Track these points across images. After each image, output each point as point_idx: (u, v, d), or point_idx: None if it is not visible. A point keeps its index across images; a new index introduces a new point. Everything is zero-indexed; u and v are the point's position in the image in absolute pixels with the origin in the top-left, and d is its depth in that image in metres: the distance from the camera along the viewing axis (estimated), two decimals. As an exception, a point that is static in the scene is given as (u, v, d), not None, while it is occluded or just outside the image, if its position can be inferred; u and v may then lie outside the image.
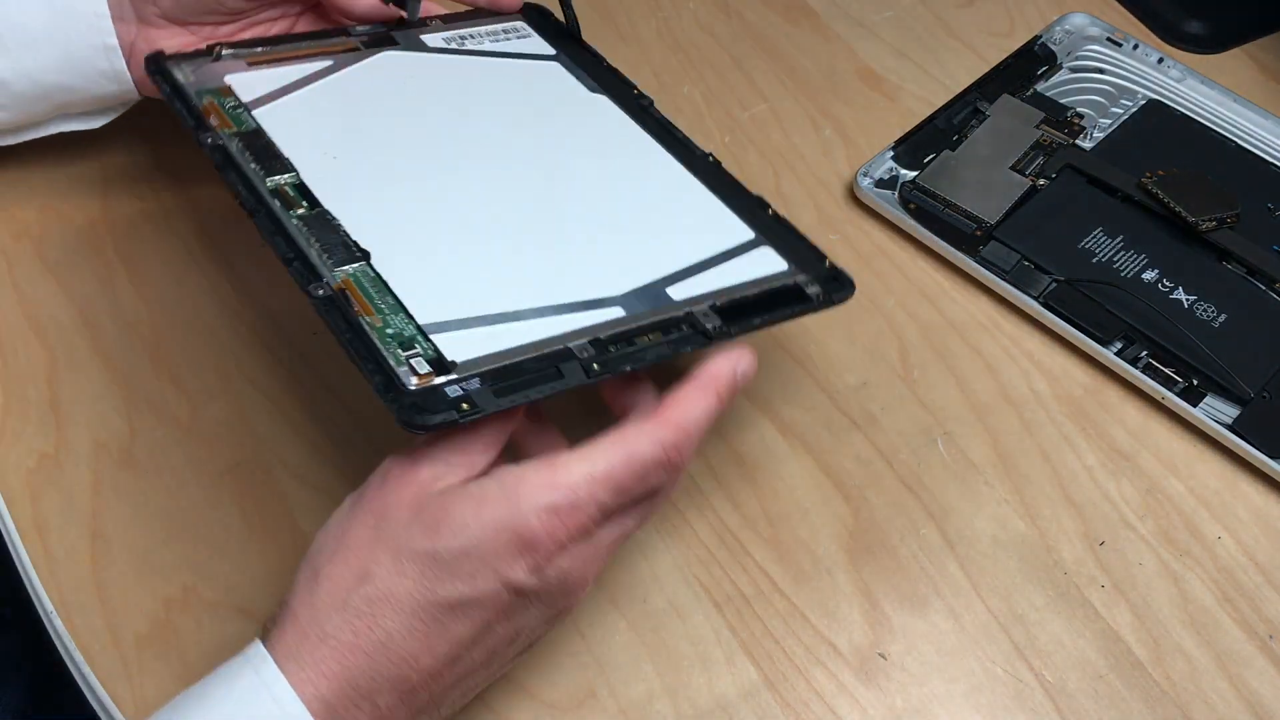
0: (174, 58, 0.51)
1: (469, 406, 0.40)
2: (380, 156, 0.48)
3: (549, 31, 0.58)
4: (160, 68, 0.50)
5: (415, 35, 0.55)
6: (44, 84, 0.52)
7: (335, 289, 0.42)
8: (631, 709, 0.45)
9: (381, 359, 0.40)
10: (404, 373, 0.40)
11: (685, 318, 0.44)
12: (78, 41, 0.52)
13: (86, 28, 0.51)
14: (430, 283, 0.43)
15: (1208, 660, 0.47)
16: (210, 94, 0.49)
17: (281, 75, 0.51)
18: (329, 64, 0.52)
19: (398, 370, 0.40)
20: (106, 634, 0.46)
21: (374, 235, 0.44)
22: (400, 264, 0.44)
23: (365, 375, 0.40)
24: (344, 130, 0.49)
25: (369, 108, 0.51)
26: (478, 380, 0.40)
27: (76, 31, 0.51)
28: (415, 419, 0.39)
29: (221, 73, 0.50)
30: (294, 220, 0.44)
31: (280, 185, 0.46)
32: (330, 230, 0.44)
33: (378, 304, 0.42)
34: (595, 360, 0.42)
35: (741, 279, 0.46)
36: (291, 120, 0.48)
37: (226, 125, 0.48)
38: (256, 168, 0.46)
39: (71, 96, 0.53)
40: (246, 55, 0.52)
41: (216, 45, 0.51)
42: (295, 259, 0.43)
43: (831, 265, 0.48)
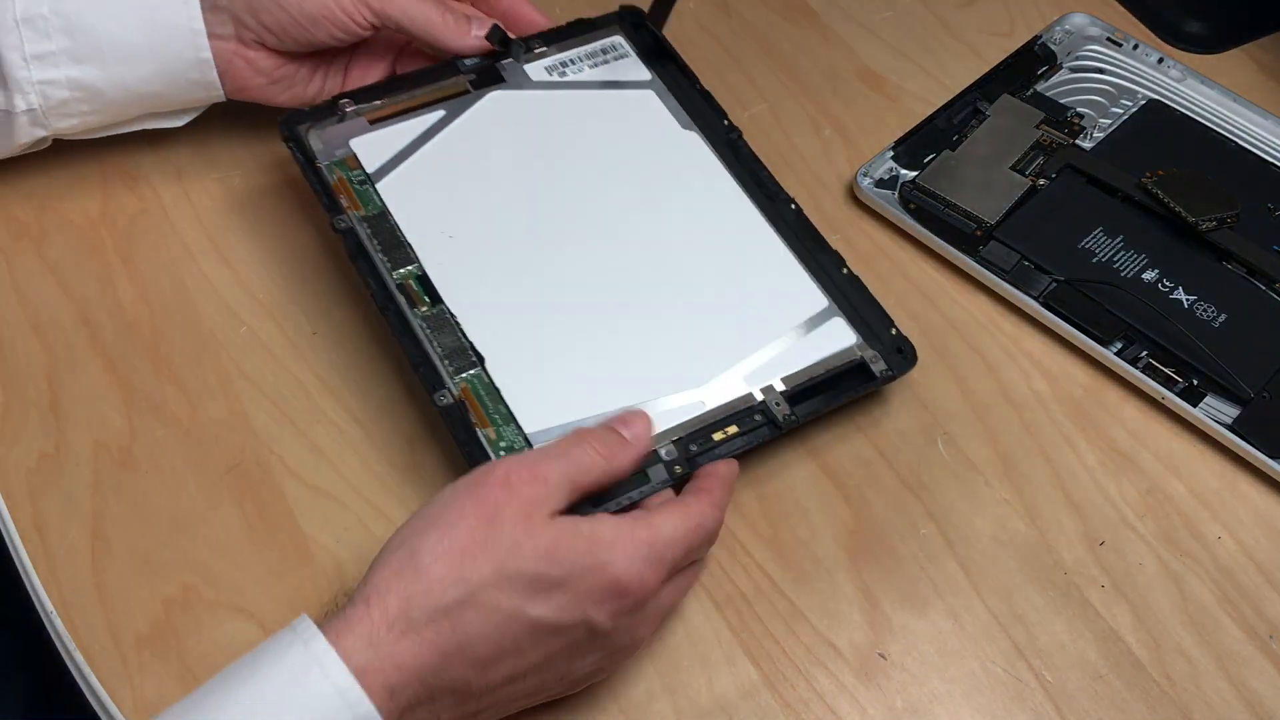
0: (304, 119, 0.56)
1: None
2: (489, 227, 0.54)
3: (644, 47, 0.61)
4: (293, 133, 0.55)
5: (520, 67, 0.59)
6: (138, 93, 0.54)
7: (456, 398, 0.48)
8: (631, 709, 0.45)
9: None
10: None
11: (759, 407, 0.49)
12: (174, 56, 0.54)
13: (184, 44, 0.53)
14: (534, 384, 0.49)
15: (1208, 660, 0.47)
16: (339, 166, 0.54)
17: (399, 134, 0.56)
18: (442, 114, 0.57)
19: None
20: (106, 634, 0.46)
21: (486, 332, 0.50)
22: (509, 366, 0.50)
23: None
24: (457, 199, 0.54)
25: (479, 166, 0.56)
26: None
27: (173, 47, 0.53)
28: None
29: (346, 135, 0.55)
30: (418, 319, 0.50)
31: (405, 280, 0.51)
32: (450, 331, 0.50)
33: (491, 414, 0.48)
34: (678, 462, 0.48)
35: (812, 359, 0.51)
36: (411, 193, 0.54)
37: (356, 206, 0.53)
38: (384, 258, 0.52)
39: (161, 103, 0.56)
40: (367, 111, 0.56)
41: (341, 100, 0.56)
42: (421, 364, 0.49)
43: (898, 333, 0.52)
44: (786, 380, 0.50)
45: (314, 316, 0.55)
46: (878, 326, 0.53)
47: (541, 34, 0.60)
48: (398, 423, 0.52)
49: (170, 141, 0.60)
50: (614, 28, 0.62)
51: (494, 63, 0.59)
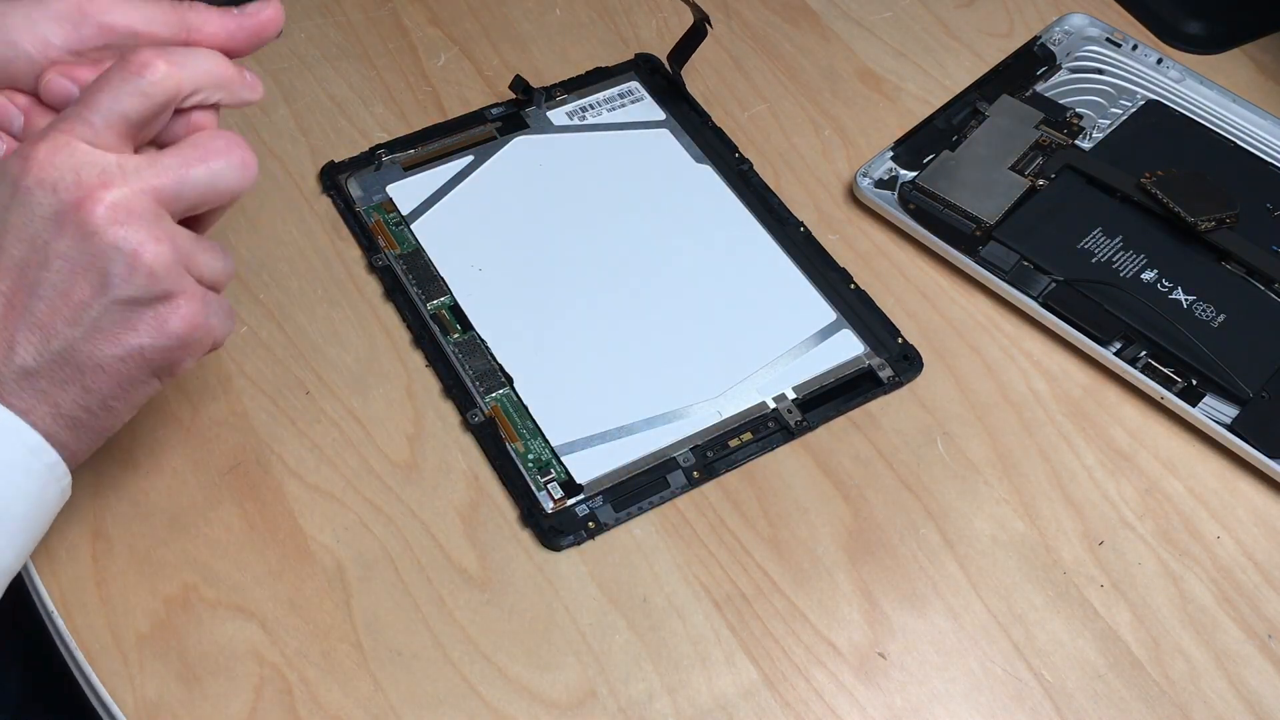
0: (343, 169, 0.59)
1: (594, 525, 0.49)
2: (517, 259, 0.57)
3: (658, 89, 0.65)
4: (334, 182, 0.59)
5: (543, 113, 0.63)
6: None
7: (487, 415, 0.52)
8: (631, 708, 0.45)
9: (526, 487, 0.50)
10: (543, 498, 0.49)
11: (772, 415, 0.52)
12: None
13: None
14: (560, 400, 0.52)
15: (1207, 660, 0.48)
16: (376, 210, 0.58)
17: (432, 179, 0.60)
18: (470, 159, 0.61)
19: (538, 495, 0.49)
20: (107, 633, 0.46)
21: (514, 354, 0.54)
22: (536, 385, 0.53)
23: (512, 501, 0.50)
24: (486, 235, 0.58)
25: (506, 204, 0.59)
26: (601, 498, 0.50)
27: None
28: (553, 541, 0.48)
29: (383, 182, 0.59)
30: (451, 346, 0.54)
31: (438, 310, 0.55)
32: (480, 355, 0.53)
33: (520, 429, 0.51)
34: (696, 468, 0.51)
35: (822, 369, 0.54)
36: (443, 231, 0.58)
37: (392, 245, 0.57)
38: (418, 291, 0.55)
39: None
40: (402, 159, 0.60)
41: (378, 150, 0.60)
42: (454, 387, 0.52)
43: (904, 342, 0.55)
44: (798, 389, 0.53)
45: (314, 316, 0.55)
46: (884, 336, 0.55)
47: (562, 82, 0.64)
48: (398, 423, 0.52)
49: (170, 141, 0.61)
50: (630, 74, 0.65)
51: (518, 110, 0.63)
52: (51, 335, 0.39)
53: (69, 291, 0.39)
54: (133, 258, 0.39)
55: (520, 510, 0.49)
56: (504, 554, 0.49)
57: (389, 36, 0.67)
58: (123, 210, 0.39)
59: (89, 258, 0.39)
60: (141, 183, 0.39)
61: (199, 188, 0.41)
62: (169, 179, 0.40)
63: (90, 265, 0.39)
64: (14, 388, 0.39)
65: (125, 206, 0.39)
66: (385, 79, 0.65)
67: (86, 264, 0.39)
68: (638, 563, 0.49)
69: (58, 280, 0.39)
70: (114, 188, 0.39)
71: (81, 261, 0.39)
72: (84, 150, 0.39)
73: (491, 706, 0.45)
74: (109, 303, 0.39)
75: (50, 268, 0.39)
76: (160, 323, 0.40)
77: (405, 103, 0.63)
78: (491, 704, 0.45)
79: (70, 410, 0.40)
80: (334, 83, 0.64)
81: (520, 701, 0.45)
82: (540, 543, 0.49)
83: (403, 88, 0.64)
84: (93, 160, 0.39)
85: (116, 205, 0.39)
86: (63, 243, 0.39)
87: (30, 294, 0.39)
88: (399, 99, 0.64)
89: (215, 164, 0.41)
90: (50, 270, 0.39)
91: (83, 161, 0.39)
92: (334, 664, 0.45)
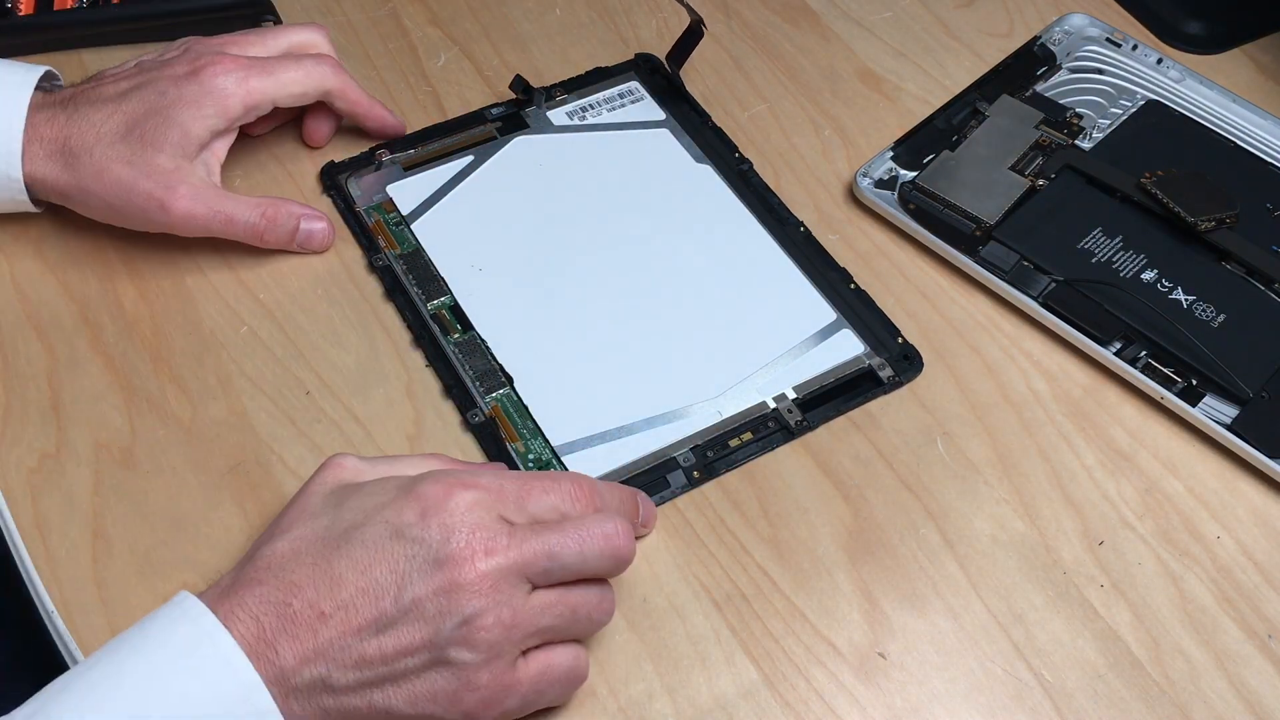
0: (344, 170, 0.59)
1: None
2: (516, 259, 0.57)
3: (658, 89, 0.64)
4: (334, 182, 0.59)
5: (543, 114, 0.63)
6: None
7: (487, 415, 0.52)
8: (631, 708, 0.45)
9: None
10: None
11: (772, 414, 0.52)
12: None
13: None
14: (560, 400, 0.52)
15: (1207, 659, 0.48)
16: (376, 210, 0.58)
17: (432, 179, 0.60)
18: (470, 159, 0.61)
19: None
20: (107, 633, 0.46)
21: (514, 354, 0.53)
22: (536, 385, 0.53)
23: None
24: (486, 234, 0.58)
25: (506, 204, 0.59)
26: None
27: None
28: None
29: (383, 182, 0.59)
30: (451, 346, 0.53)
31: (438, 310, 0.55)
32: (480, 355, 0.53)
33: (520, 429, 0.51)
34: (696, 468, 0.51)
35: (822, 369, 0.54)
36: (443, 231, 0.58)
37: (392, 245, 0.57)
38: (418, 291, 0.55)
39: None
40: (402, 159, 0.60)
41: (379, 151, 0.60)
42: (454, 386, 0.52)
43: (904, 342, 0.55)
44: (798, 389, 0.53)
45: (314, 317, 0.55)
46: (884, 336, 0.55)
47: (562, 82, 0.64)
48: (398, 423, 0.52)
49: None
50: (630, 74, 0.65)
51: (519, 110, 0.63)
52: (365, 664, 0.40)
53: (405, 633, 0.40)
54: (471, 627, 0.40)
55: None
56: (504, 554, 0.48)
57: (389, 36, 0.67)
58: (489, 581, 0.40)
59: (437, 611, 0.40)
60: (519, 555, 0.41)
61: (566, 570, 0.42)
62: (543, 557, 0.41)
63: (436, 617, 0.40)
64: (301, 696, 0.40)
65: (493, 578, 0.40)
66: (385, 79, 0.65)
67: (433, 615, 0.40)
68: (638, 562, 0.49)
69: (402, 619, 0.40)
70: (495, 556, 0.41)
71: (430, 611, 0.40)
72: (493, 521, 0.41)
73: (491, 706, 0.45)
74: (429, 657, 0.40)
75: (400, 604, 0.40)
76: (456, 696, 0.41)
77: (405, 103, 0.63)
78: (491, 704, 0.45)
79: None
80: (334, 83, 0.64)
81: (520, 701, 0.45)
82: None
83: (403, 88, 0.64)
84: (493, 530, 0.41)
85: (485, 575, 0.40)
86: (425, 587, 0.40)
87: (371, 621, 0.40)
88: (399, 99, 0.64)
89: (590, 550, 0.42)
90: (399, 607, 0.40)
91: (486, 527, 0.41)
92: (334, 664, 0.45)
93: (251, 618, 0.40)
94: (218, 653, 0.39)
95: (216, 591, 0.41)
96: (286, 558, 0.41)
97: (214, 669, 0.39)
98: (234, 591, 0.40)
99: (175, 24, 0.64)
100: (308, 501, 0.43)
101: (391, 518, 0.41)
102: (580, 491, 0.44)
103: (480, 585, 0.40)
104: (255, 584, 0.40)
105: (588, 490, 0.44)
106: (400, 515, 0.41)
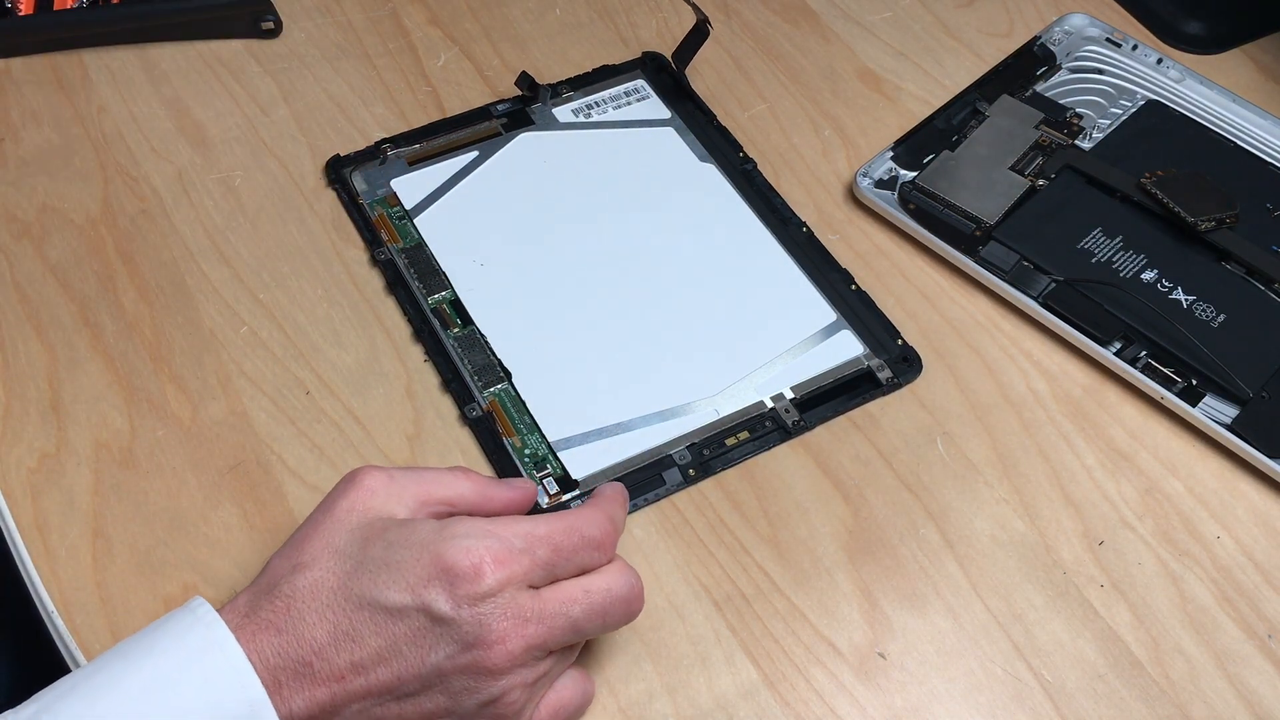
0: (348, 163, 0.59)
1: None
2: (518, 255, 0.57)
3: (664, 88, 0.65)
4: (338, 175, 0.59)
5: (548, 111, 0.63)
6: None
7: (485, 410, 0.52)
8: (631, 708, 0.45)
9: None
10: (538, 493, 0.49)
11: (770, 414, 0.52)
12: None
13: None
14: (558, 396, 0.52)
15: (1206, 659, 0.48)
16: (380, 204, 0.58)
17: (436, 174, 0.60)
18: (475, 155, 0.61)
19: None
20: (107, 633, 0.46)
21: (513, 349, 0.53)
22: (535, 380, 0.53)
23: None
24: (489, 230, 0.58)
25: (509, 200, 0.59)
26: None
27: None
28: None
29: (387, 176, 0.59)
30: (451, 340, 0.54)
31: (439, 304, 0.55)
32: (480, 350, 0.53)
33: (517, 424, 0.51)
34: (692, 466, 0.51)
35: (821, 369, 0.54)
36: (446, 226, 0.58)
37: (395, 239, 0.57)
38: (420, 285, 0.55)
39: None
40: (407, 154, 0.60)
41: (383, 144, 0.60)
42: (453, 380, 0.53)
43: (904, 344, 0.55)
44: (796, 389, 0.53)
45: (314, 316, 0.55)
46: (884, 337, 0.55)
47: (568, 79, 0.64)
48: (398, 422, 0.52)
49: (172, 142, 0.61)
50: (636, 72, 0.65)
51: (524, 107, 0.63)
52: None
53: (425, 701, 0.39)
54: (497, 704, 0.40)
55: None
56: (504, 554, 0.48)
57: (389, 36, 0.67)
58: (518, 660, 0.39)
59: (462, 688, 0.39)
60: (548, 634, 0.40)
61: (585, 634, 0.42)
62: (569, 632, 0.41)
63: (460, 693, 0.39)
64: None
65: (521, 657, 0.40)
66: (385, 79, 0.65)
67: (457, 690, 0.39)
68: (638, 562, 0.49)
69: (423, 691, 0.39)
70: (524, 639, 0.39)
71: (454, 687, 0.39)
72: (524, 599, 0.40)
73: (491, 706, 0.45)
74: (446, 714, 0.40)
75: (423, 678, 0.39)
76: None
77: (405, 103, 0.63)
78: (491, 704, 0.45)
79: None
80: (334, 83, 0.64)
81: (520, 701, 0.45)
82: None
83: (403, 88, 0.64)
84: (523, 613, 0.40)
85: (514, 656, 0.39)
86: (451, 664, 0.39)
87: (391, 688, 0.39)
88: (399, 99, 0.64)
89: (612, 619, 0.42)
90: (422, 680, 0.39)
91: (516, 612, 0.39)
92: (334, 664, 0.45)
93: (267, 668, 0.39)
94: (228, 663, 0.38)
95: (233, 616, 0.40)
96: (307, 601, 0.39)
97: (222, 678, 0.38)
98: (250, 627, 0.39)
99: (175, 24, 0.64)
100: (334, 532, 0.41)
101: (420, 591, 0.39)
102: (608, 540, 0.43)
103: (508, 666, 0.40)
104: (273, 630, 0.39)
105: (613, 536, 0.43)
106: (429, 591, 0.39)
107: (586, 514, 0.43)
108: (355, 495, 0.42)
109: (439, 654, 0.39)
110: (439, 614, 0.39)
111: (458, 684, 0.39)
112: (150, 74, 0.64)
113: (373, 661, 0.39)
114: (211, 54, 0.65)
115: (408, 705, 0.40)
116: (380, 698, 0.39)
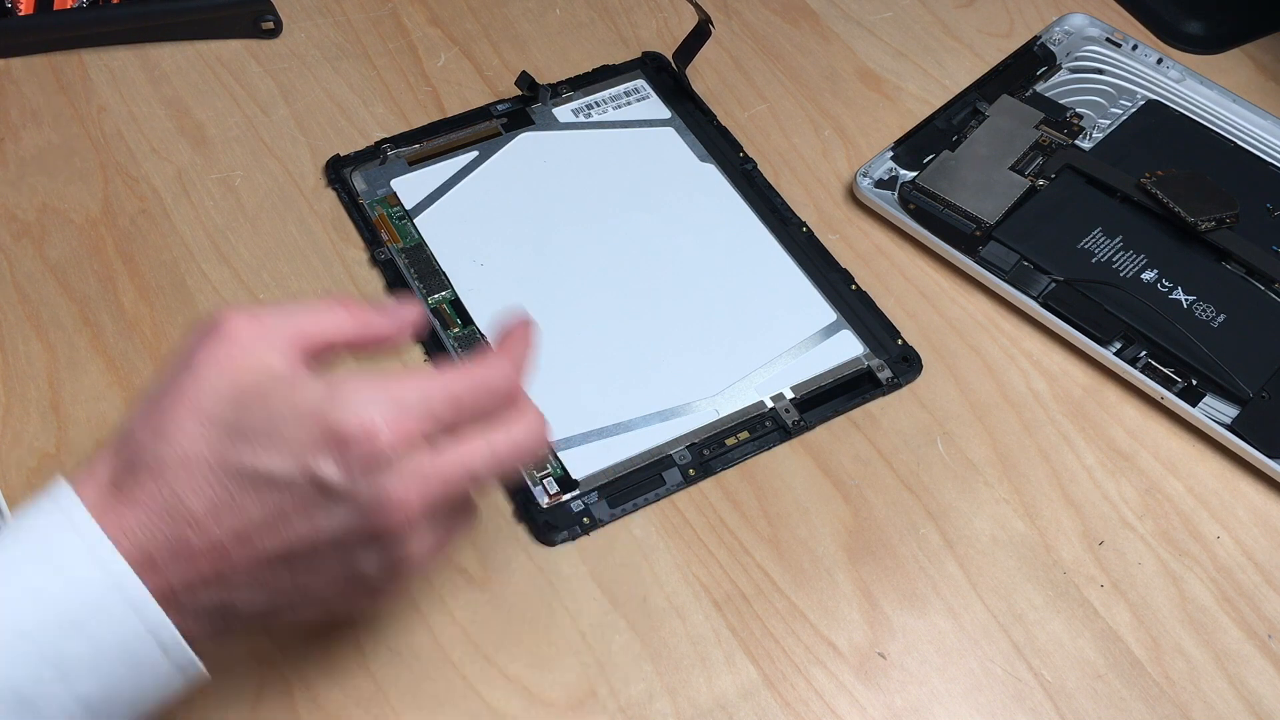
0: (348, 163, 0.59)
1: (589, 521, 0.49)
2: (518, 255, 0.57)
3: (664, 88, 0.64)
4: (339, 175, 0.59)
5: (548, 111, 0.63)
6: None
7: None
8: (631, 708, 0.45)
9: (521, 481, 0.49)
10: (538, 493, 0.49)
11: (770, 414, 0.52)
12: None
13: None
14: (559, 395, 0.51)
15: (1207, 659, 0.48)
16: (380, 204, 0.58)
17: (436, 174, 0.60)
18: (475, 155, 0.61)
19: (533, 490, 0.49)
20: (107, 633, 0.46)
21: None
22: (534, 379, 0.50)
23: (507, 495, 0.49)
24: (489, 230, 0.58)
25: (509, 200, 0.59)
26: (596, 494, 0.50)
27: None
28: (547, 536, 0.48)
29: (387, 176, 0.59)
30: (450, 340, 0.54)
31: (439, 304, 0.55)
32: (480, 350, 0.53)
33: None
34: (692, 465, 0.51)
35: (821, 369, 0.54)
36: (446, 226, 0.58)
37: (395, 239, 0.57)
38: (420, 285, 0.55)
39: None
40: (407, 154, 0.60)
41: (383, 145, 0.60)
42: None
43: (904, 344, 0.55)
44: (796, 389, 0.53)
45: (314, 316, 0.55)
46: (884, 337, 0.55)
47: (569, 79, 0.64)
48: (398, 422, 0.52)
49: (172, 142, 0.61)
50: (636, 72, 0.65)
51: (524, 107, 0.63)
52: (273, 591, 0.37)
53: (318, 564, 0.37)
54: (397, 562, 0.38)
55: (515, 504, 0.49)
56: (503, 554, 0.49)
57: (389, 36, 0.67)
58: (418, 520, 0.38)
59: (364, 555, 0.37)
60: (444, 488, 0.38)
61: (489, 484, 0.40)
62: (466, 481, 0.39)
63: (360, 559, 0.38)
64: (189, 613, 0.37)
65: (422, 515, 0.38)
66: (385, 79, 0.65)
67: (358, 556, 0.38)
68: (638, 562, 0.49)
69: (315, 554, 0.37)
70: (426, 498, 0.37)
71: (354, 553, 0.37)
72: (422, 464, 0.37)
73: (491, 706, 0.45)
74: (345, 574, 0.38)
75: (317, 546, 0.37)
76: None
77: (405, 103, 0.63)
78: (491, 704, 0.45)
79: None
80: (334, 83, 0.64)
81: (520, 701, 0.45)
82: (534, 537, 0.49)
83: (403, 88, 0.64)
84: (423, 476, 0.37)
85: (414, 520, 0.37)
86: (350, 536, 0.37)
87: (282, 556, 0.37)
88: (399, 99, 0.64)
89: (509, 465, 0.40)
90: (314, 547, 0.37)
91: (415, 475, 0.37)
92: (334, 664, 0.45)
93: (136, 546, 0.36)
94: (83, 542, 0.35)
95: (94, 493, 0.36)
96: (178, 473, 0.36)
97: (78, 557, 0.35)
98: (116, 507, 0.36)
99: (175, 24, 0.64)
100: (199, 393, 0.37)
101: (308, 459, 0.36)
102: (515, 389, 0.40)
103: (407, 528, 0.37)
104: (139, 508, 0.36)
105: (520, 383, 0.41)
106: (318, 459, 0.36)
107: (492, 364, 0.40)
108: (217, 347, 0.38)
109: (333, 521, 0.37)
110: (329, 483, 0.36)
111: (355, 550, 0.37)
112: (150, 74, 0.64)
113: (258, 531, 0.36)
114: (211, 54, 0.65)
115: (302, 572, 0.37)
116: (272, 566, 0.37)
